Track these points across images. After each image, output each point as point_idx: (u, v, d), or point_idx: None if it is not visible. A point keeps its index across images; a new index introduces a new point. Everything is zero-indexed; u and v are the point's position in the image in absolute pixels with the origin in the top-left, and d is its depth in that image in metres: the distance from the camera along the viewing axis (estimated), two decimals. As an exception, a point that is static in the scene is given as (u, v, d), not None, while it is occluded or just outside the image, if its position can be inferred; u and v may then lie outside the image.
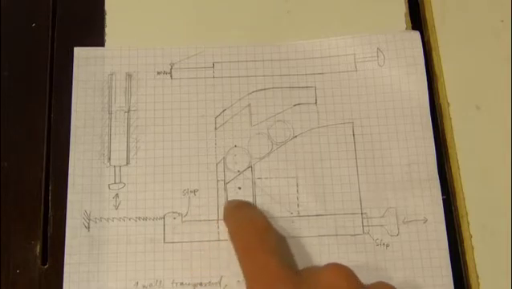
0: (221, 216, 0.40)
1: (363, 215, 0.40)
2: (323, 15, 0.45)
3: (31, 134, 0.42)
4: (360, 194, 0.41)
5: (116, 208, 0.40)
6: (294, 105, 0.42)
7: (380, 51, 0.43)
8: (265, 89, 0.43)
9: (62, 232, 0.39)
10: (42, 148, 0.42)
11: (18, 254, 0.39)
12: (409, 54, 0.43)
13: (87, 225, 0.40)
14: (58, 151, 0.41)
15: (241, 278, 0.38)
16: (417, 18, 0.45)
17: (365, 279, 0.38)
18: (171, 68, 0.43)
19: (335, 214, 0.40)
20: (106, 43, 0.44)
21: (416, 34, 0.44)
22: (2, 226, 0.40)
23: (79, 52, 0.43)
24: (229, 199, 0.41)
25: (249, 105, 0.42)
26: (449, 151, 0.42)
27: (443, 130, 0.42)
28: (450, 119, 0.42)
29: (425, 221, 0.40)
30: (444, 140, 0.42)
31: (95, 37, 0.44)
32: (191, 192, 0.40)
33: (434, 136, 0.42)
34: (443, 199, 0.41)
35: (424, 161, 0.41)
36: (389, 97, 0.43)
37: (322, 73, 0.43)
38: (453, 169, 0.41)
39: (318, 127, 0.42)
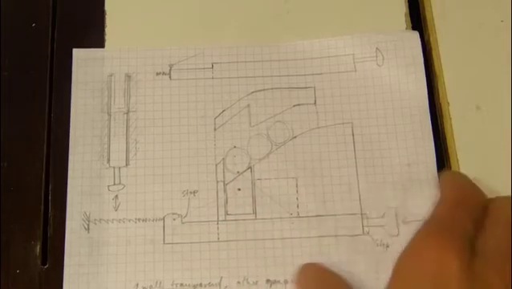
0: (221, 216, 0.40)
1: (363, 215, 0.40)
2: (322, 15, 0.44)
3: (31, 134, 0.42)
4: (360, 195, 0.41)
5: (116, 209, 0.40)
6: (294, 106, 0.42)
7: (379, 51, 0.43)
8: (264, 90, 0.43)
9: (62, 232, 0.39)
10: (42, 148, 0.42)
11: (18, 254, 0.40)
12: (408, 54, 0.43)
13: (86, 226, 0.40)
14: (58, 151, 0.41)
15: (241, 279, 0.38)
16: (417, 18, 0.45)
17: (365, 279, 0.39)
18: (170, 69, 0.43)
19: (334, 215, 0.40)
20: (106, 44, 0.44)
21: (415, 34, 0.44)
22: (1, 226, 0.40)
23: (78, 53, 0.43)
24: (304, 263, 0.39)
25: (248, 106, 0.42)
26: (449, 151, 0.42)
27: (443, 130, 0.42)
28: (450, 119, 0.42)
29: (425, 221, 0.40)
30: (444, 140, 0.42)
31: (95, 37, 0.44)
32: (190, 193, 0.40)
33: (434, 136, 0.42)
34: (443, 199, 0.41)
35: (423, 161, 0.41)
36: (388, 97, 0.42)
37: (321, 73, 0.43)
38: (453, 169, 0.41)
39: (318, 127, 0.42)
